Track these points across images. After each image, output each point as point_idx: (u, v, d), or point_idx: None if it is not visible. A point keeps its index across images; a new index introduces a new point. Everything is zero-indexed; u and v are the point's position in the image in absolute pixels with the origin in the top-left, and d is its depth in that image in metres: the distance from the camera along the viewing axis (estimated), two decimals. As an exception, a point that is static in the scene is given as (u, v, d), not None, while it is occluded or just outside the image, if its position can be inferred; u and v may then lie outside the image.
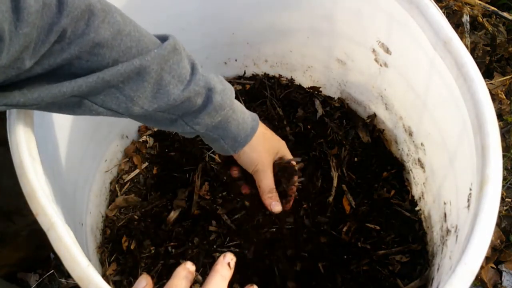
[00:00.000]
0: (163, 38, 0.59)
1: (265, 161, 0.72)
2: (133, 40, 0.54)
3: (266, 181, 0.72)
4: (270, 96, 1.02)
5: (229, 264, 0.49)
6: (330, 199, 0.89)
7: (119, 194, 0.95)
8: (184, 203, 0.90)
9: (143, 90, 0.56)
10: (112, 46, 0.52)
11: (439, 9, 0.63)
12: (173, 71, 0.58)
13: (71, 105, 0.54)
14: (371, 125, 0.97)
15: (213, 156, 0.96)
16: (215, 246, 0.86)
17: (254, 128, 0.69)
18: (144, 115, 0.60)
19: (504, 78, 1.15)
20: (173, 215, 0.89)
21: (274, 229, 0.87)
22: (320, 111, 1.00)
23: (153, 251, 0.86)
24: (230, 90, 0.66)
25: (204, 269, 0.84)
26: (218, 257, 0.50)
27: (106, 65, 0.52)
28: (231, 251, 0.84)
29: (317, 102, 1.01)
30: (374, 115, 0.96)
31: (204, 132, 0.66)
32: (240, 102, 0.70)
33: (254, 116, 0.71)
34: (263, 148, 0.72)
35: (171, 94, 0.58)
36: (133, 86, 0.55)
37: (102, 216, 0.92)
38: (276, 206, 0.72)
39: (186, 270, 0.48)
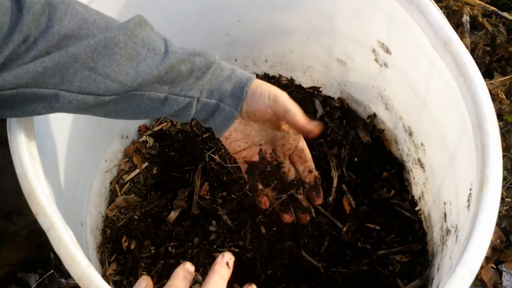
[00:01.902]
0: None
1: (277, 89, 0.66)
2: (100, 28, 0.53)
3: (291, 102, 0.65)
4: (270, 96, 1.02)
5: (227, 263, 0.49)
6: (330, 199, 0.89)
7: (119, 194, 0.95)
8: (184, 203, 0.90)
9: (117, 64, 0.54)
10: (80, 36, 0.51)
11: (439, 9, 0.63)
12: (146, 44, 0.56)
13: (48, 99, 0.52)
14: (371, 125, 0.97)
15: (213, 156, 0.96)
16: (215, 246, 0.86)
17: (251, 78, 0.65)
18: (135, 106, 0.58)
19: (504, 78, 1.15)
20: (173, 215, 0.89)
21: (274, 229, 0.87)
22: (320, 111, 1.00)
23: (153, 251, 0.86)
24: (212, 52, 0.63)
25: (204, 269, 0.84)
26: (217, 257, 0.50)
27: (76, 57, 0.51)
28: (231, 251, 0.84)
29: (317, 102, 1.01)
30: (374, 115, 0.96)
31: (199, 104, 0.63)
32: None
33: (248, 73, 0.66)
34: (267, 85, 0.66)
35: (152, 65, 0.56)
36: (105, 62, 0.53)
37: (102, 216, 0.92)
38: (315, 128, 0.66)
39: (185, 271, 0.48)
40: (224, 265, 0.49)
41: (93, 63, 0.52)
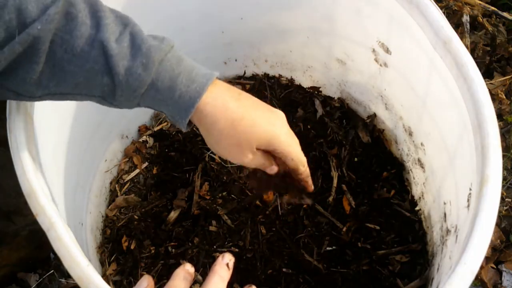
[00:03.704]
0: None
1: (237, 157, 0.56)
2: (14, 11, 0.45)
3: (254, 163, 0.57)
4: (270, 96, 1.02)
5: (227, 264, 0.49)
6: (330, 199, 0.89)
7: (119, 194, 0.95)
8: (184, 203, 0.90)
9: (33, 71, 0.48)
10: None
11: (439, 9, 0.63)
12: (66, 43, 0.48)
13: None
14: (371, 125, 0.97)
15: (213, 156, 0.96)
16: (215, 246, 0.86)
17: (194, 103, 0.52)
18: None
19: (504, 78, 1.15)
20: (173, 215, 0.89)
21: (274, 229, 0.87)
22: (320, 111, 1.00)
23: (153, 251, 0.86)
24: (144, 65, 0.50)
25: (204, 269, 0.84)
26: (217, 257, 0.50)
27: None
28: (231, 251, 0.84)
29: (317, 102, 1.01)
30: (374, 115, 0.96)
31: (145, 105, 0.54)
32: None
33: (200, 84, 0.52)
34: (230, 141, 0.55)
35: (70, 72, 0.49)
36: (23, 70, 0.47)
37: (102, 216, 0.92)
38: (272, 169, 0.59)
39: (185, 272, 0.48)
40: (224, 266, 0.48)
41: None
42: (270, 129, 0.56)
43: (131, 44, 0.50)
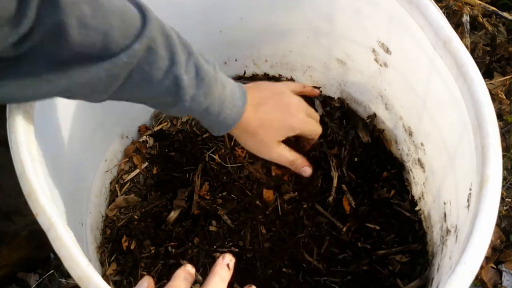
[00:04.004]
0: (142, 20, 0.53)
1: (266, 155, 0.71)
2: (100, 34, 0.48)
3: (282, 160, 0.71)
4: (270, 96, 1.02)
5: (228, 265, 0.49)
6: (330, 199, 0.89)
7: (119, 194, 0.95)
8: (184, 203, 0.90)
9: (107, 89, 0.53)
10: (75, 41, 0.47)
11: (439, 9, 0.63)
12: (143, 72, 0.54)
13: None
14: (371, 125, 0.97)
15: (213, 156, 0.96)
16: (215, 246, 0.86)
17: (232, 123, 0.66)
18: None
19: (504, 78, 1.15)
20: (173, 215, 0.89)
21: (274, 229, 0.87)
22: (320, 111, 1.00)
23: (153, 251, 0.86)
24: (205, 94, 0.60)
25: (204, 269, 0.84)
26: (218, 257, 0.50)
27: (67, 56, 0.48)
28: (231, 251, 0.84)
29: (317, 102, 1.01)
30: (374, 115, 0.96)
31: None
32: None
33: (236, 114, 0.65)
34: (257, 144, 0.70)
35: (137, 92, 0.56)
36: (100, 88, 0.52)
37: (102, 216, 0.92)
38: (305, 171, 0.73)
39: (186, 272, 0.48)
40: (224, 267, 0.49)
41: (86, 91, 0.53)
42: (285, 123, 0.70)
43: (196, 75, 0.59)
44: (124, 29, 0.51)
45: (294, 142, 0.84)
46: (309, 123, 0.73)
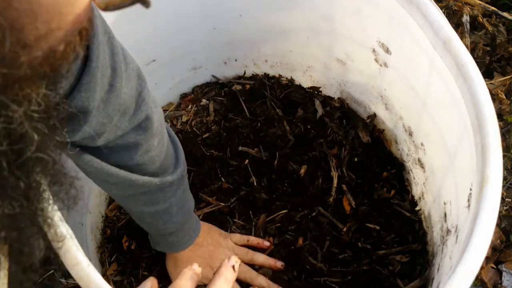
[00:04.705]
0: (175, 165, 0.71)
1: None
2: (150, 161, 0.65)
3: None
4: (270, 96, 1.02)
5: (233, 267, 0.49)
6: (330, 199, 0.89)
7: (119, 194, 0.95)
8: None
9: (123, 193, 0.68)
10: (134, 159, 0.62)
11: (439, 9, 0.63)
12: (153, 195, 0.68)
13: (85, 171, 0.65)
14: (371, 125, 0.97)
15: (213, 156, 0.96)
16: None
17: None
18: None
19: (504, 78, 1.15)
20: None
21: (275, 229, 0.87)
22: (320, 111, 1.00)
23: (153, 251, 0.86)
24: (179, 223, 0.75)
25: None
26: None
27: (119, 166, 0.61)
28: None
29: (317, 102, 1.01)
30: (374, 115, 0.96)
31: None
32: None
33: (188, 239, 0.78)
34: (178, 266, 0.80)
35: (135, 204, 0.70)
36: (120, 189, 0.66)
37: (102, 216, 0.92)
38: None
39: (192, 271, 0.48)
40: (229, 268, 0.48)
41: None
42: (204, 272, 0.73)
43: (182, 207, 0.74)
44: (166, 164, 0.69)
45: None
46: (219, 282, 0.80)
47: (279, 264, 0.82)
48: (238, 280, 0.80)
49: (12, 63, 0.26)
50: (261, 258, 0.83)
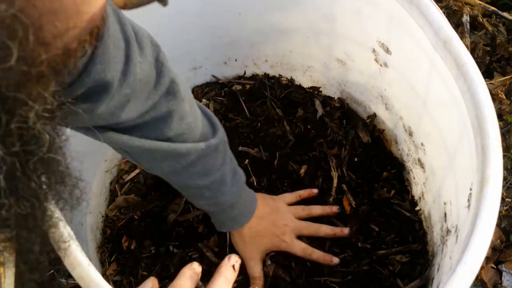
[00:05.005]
0: (213, 130, 0.70)
1: (249, 254, 0.80)
2: (190, 129, 0.65)
3: (250, 271, 0.80)
4: (270, 96, 1.02)
5: (233, 266, 0.49)
6: (330, 199, 0.89)
7: (119, 194, 0.95)
8: (177, 207, 0.90)
9: (174, 167, 0.67)
10: (173, 128, 0.62)
11: (439, 9, 0.63)
12: (205, 164, 0.68)
13: (119, 151, 0.67)
14: (371, 125, 0.97)
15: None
16: (216, 250, 0.86)
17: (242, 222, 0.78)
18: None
19: (504, 78, 1.15)
20: (173, 215, 0.89)
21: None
22: (320, 111, 1.00)
23: (153, 251, 0.86)
24: (236, 192, 0.74)
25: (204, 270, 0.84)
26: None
27: (161, 139, 0.62)
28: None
29: (317, 102, 1.01)
30: (374, 115, 0.96)
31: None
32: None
33: (247, 213, 0.78)
34: (248, 242, 0.80)
35: (191, 180, 0.69)
36: (169, 164, 0.66)
37: (102, 216, 0.92)
38: None
39: (192, 271, 0.48)
40: (230, 268, 0.48)
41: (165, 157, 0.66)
42: (273, 244, 0.81)
43: (233, 176, 0.74)
44: (203, 129, 0.68)
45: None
46: (294, 245, 0.82)
47: (334, 208, 0.86)
48: (305, 238, 0.84)
49: (33, 61, 0.26)
50: (318, 210, 0.86)
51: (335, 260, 0.81)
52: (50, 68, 0.28)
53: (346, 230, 0.84)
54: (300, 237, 0.84)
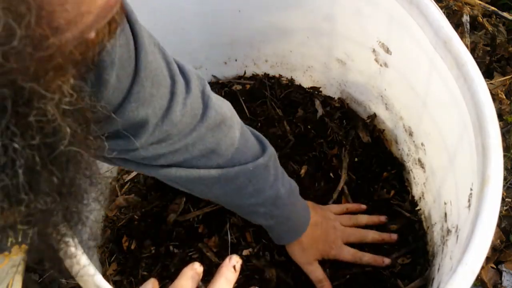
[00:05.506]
0: (262, 149, 0.70)
1: (308, 260, 0.81)
2: (239, 153, 0.65)
3: (314, 275, 0.80)
4: (270, 96, 1.02)
5: (234, 267, 0.48)
6: (331, 199, 0.89)
7: (119, 194, 0.95)
8: (177, 207, 0.90)
9: (224, 190, 0.67)
10: (222, 155, 0.63)
11: (439, 9, 0.63)
12: (256, 184, 0.67)
13: (167, 181, 0.69)
14: (371, 125, 0.97)
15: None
16: (215, 250, 0.86)
17: (295, 237, 0.78)
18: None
19: (504, 78, 1.15)
20: (173, 215, 0.89)
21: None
22: (320, 111, 1.00)
23: (153, 251, 0.86)
24: (292, 203, 0.74)
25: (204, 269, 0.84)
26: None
27: (209, 167, 0.63)
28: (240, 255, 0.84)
29: (317, 102, 1.01)
30: (374, 115, 0.96)
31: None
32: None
33: (304, 222, 0.78)
34: (305, 251, 0.80)
35: (244, 199, 0.69)
36: (219, 188, 0.66)
37: (102, 216, 0.92)
38: None
39: (193, 271, 0.47)
40: (230, 268, 0.48)
41: (212, 184, 0.66)
42: (325, 249, 0.81)
43: (289, 188, 0.73)
44: (252, 149, 0.68)
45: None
46: (343, 251, 0.82)
47: (382, 218, 0.86)
48: (351, 244, 0.83)
49: (39, 43, 0.26)
50: (364, 219, 0.86)
51: (387, 260, 0.81)
52: (67, 58, 0.28)
53: (394, 236, 0.84)
54: None
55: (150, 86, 0.50)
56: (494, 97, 1.12)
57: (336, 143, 0.96)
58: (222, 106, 0.63)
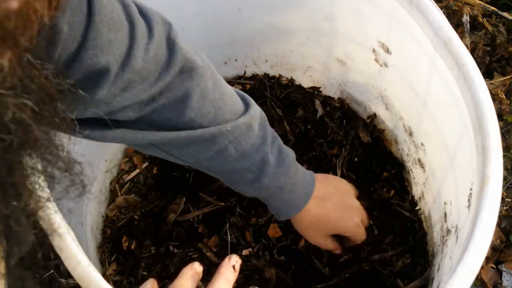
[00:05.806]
0: (246, 108, 0.64)
1: (312, 240, 0.78)
2: (214, 107, 0.59)
3: (324, 247, 0.78)
4: (270, 96, 1.02)
5: (234, 266, 0.49)
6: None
7: (119, 194, 0.95)
8: (177, 207, 0.90)
9: (204, 153, 0.62)
10: (193, 108, 0.58)
11: (439, 9, 0.63)
12: (238, 146, 0.62)
13: (144, 147, 0.63)
14: (371, 125, 0.97)
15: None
16: (215, 250, 0.86)
17: (298, 209, 0.71)
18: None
19: (504, 78, 1.15)
20: (173, 215, 0.89)
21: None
22: (320, 111, 1.00)
23: (153, 251, 0.86)
24: (284, 172, 0.67)
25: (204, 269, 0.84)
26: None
27: (182, 121, 0.57)
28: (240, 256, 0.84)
29: (317, 102, 1.01)
30: (374, 115, 0.96)
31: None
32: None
33: (305, 195, 0.71)
34: (310, 232, 0.76)
35: (227, 163, 0.64)
36: (197, 149, 0.61)
37: (102, 216, 0.92)
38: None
39: (193, 271, 0.47)
40: (230, 268, 0.48)
41: (188, 145, 0.61)
42: (340, 225, 0.75)
43: (278, 155, 0.66)
44: (233, 107, 0.62)
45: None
46: (360, 231, 0.77)
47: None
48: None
49: None
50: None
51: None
52: None
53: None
54: None
55: (107, 31, 0.46)
56: (494, 97, 1.12)
57: (336, 143, 0.96)
58: (192, 54, 0.58)
